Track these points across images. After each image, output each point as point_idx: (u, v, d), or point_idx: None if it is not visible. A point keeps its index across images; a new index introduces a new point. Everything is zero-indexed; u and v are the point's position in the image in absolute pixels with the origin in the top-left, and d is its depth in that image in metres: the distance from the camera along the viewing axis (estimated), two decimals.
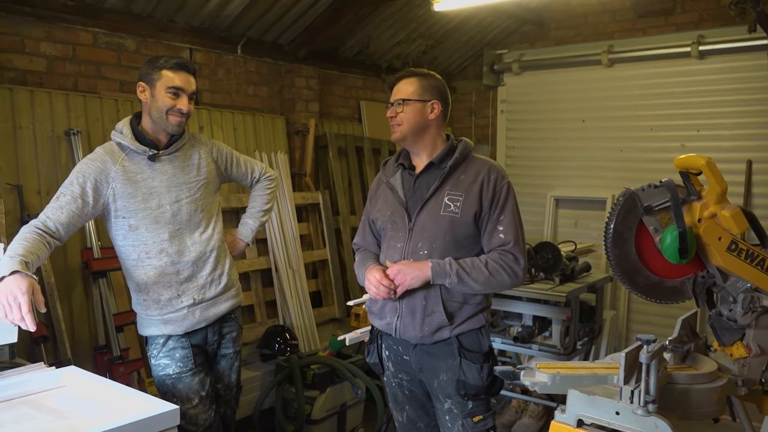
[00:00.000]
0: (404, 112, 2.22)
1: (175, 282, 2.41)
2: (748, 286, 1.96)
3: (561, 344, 3.29)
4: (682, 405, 1.79)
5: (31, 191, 3.28)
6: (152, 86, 2.33)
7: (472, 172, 2.21)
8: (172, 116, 2.33)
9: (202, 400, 2.45)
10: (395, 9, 4.88)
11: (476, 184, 2.18)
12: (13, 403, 1.82)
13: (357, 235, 2.50)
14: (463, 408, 2.19)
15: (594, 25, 5.58)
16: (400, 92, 2.24)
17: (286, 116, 4.81)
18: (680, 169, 2.03)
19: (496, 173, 2.21)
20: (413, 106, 2.22)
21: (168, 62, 2.34)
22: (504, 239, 2.16)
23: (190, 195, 2.44)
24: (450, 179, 2.21)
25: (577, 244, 3.96)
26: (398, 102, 2.23)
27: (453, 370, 2.18)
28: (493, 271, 2.13)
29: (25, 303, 1.79)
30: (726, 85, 4.84)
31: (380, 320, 2.31)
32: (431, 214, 2.19)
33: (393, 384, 2.38)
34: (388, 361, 2.36)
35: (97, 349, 3.42)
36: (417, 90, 2.24)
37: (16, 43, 3.30)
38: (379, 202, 2.36)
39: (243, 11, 4.12)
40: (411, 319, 2.20)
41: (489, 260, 2.14)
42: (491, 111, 6.16)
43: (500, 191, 2.19)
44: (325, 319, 4.78)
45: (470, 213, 2.16)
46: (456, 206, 2.16)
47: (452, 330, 2.18)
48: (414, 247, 2.19)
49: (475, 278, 2.11)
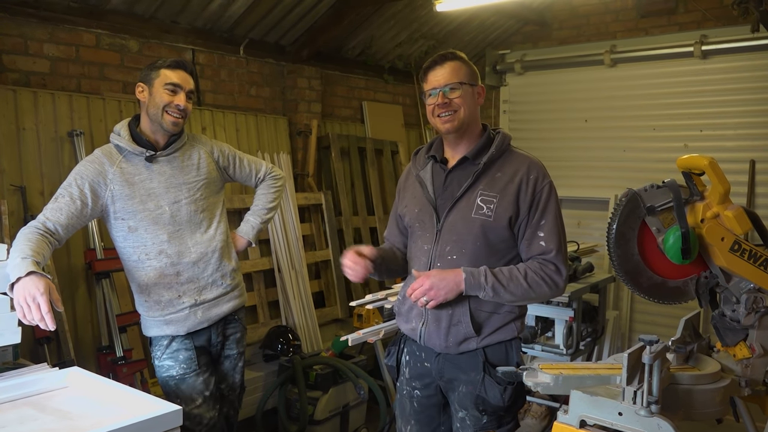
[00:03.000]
0: (461, 96, 1.99)
1: (175, 283, 2.41)
2: (751, 287, 1.96)
3: (564, 344, 3.29)
4: (685, 406, 1.78)
5: (35, 192, 3.29)
6: (150, 85, 2.34)
7: (510, 170, 2.01)
8: (168, 115, 2.34)
9: (206, 400, 2.45)
10: (397, 9, 4.88)
11: (513, 184, 1.98)
12: (16, 403, 1.82)
13: (387, 227, 2.34)
14: (477, 422, 2.05)
15: (596, 25, 5.57)
16: (453, 75, 2.00)
17: (288, 117, 4.81)
18: (683, 169, 2.03)
19: (537, 172, 2.00)
20: (467, 90, 2.01)
21: (166, 62, 2.37)
22: (545, 247, 1.97)
23: (190, 195, 2.44)
24: (484, 177, 2.01)
25: (580, 244, 3.96)
26: (452, 86, 1.99)
27: (474, 384, 2.02)
28: (533, 283, 1.95)
29: (45, 303, 1.81)
30: (729, 85, 4.83)
31: (406, 324, 2.16)
32: (461, 216, 2.00)
33: (404, 392, 2.23)
34: (406, 367, 2.21)
35: (100, 349, 3.43)
36: (467, 73, 2.03)
37: (19, 45, 3.30)
38: (408, 196, 2.18)
39: (245, 12, 4.12)
40: (436, 327, 2.04)
41: (528, 271, 1.96)
42: (494, 111, 6.16)
43: (540, 193, 1.99)
44: (327, 319, 4.78)
45: (505, 217, 1.97)
46: (489, 209, 1.97)
47: (479, 342, 2.01)
48: (442, 250, 2.03)
49: (513, 291, 1.94)
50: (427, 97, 2.05)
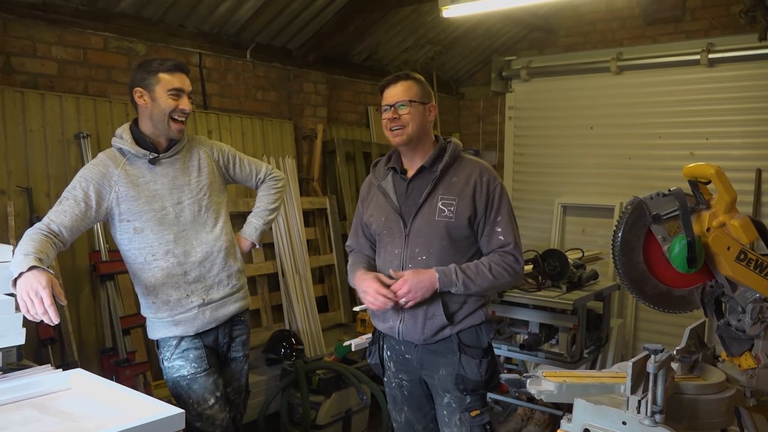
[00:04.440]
0: (409, 113, 2.20)
1: (183, 282, 2.41)
2: (757, 297, 1.95)
3: (567, 352, 3.28)
4: (690, 416, 1.77)
5: (41, 194, 3.30)
6: (151, 90, 2.33)
7: (464, 174, 2.23)
8: (174, 123, 2.35)
9: (218, 401, 2.45)
10: (404, 15, 4.89)
11: (469, 186, 2.20)
12: (20, 404, 1.83)
13: (350, 237, 2.53)
14: (461, 402, 2.23)
15: (603, 32, 5.58)
16: (404, 93, 2.21)
17: (294, 121, 4.83)
18: (689, 177, 2.02)
19: (488, 175, 2.23)
20: (417, 107, 2.22)
21: (163, 65, 2.34)
22: (504, 241, 2.20)
23: (192, 196, 2.44)
24: (442, 183, 2.23)
25: (585, 251, 3.95)
26: (402, 103, 2.20)
27: (453, 365, 2.22)
28: (497, 274, 2.17)
29: (47, 296, 1.83)
30: (736, 93, 4.82)
31: (383, 323, 2.34)
32: (426, 220, 2.21)
33: (393, 384, 2.41)
34: (390, 362, 2.40)
35: (103, 351, 3.43)
36: (418, 92, 2.23)
37: (27, 47, 3.33)
38: (371, 206, 2.37)
39: (252, 16, 4.14)
40: (413, 322, 2.23)
41: (492, 264, 2.18)
42: (499, 117, 6.16)
43: (493, 193, 2.21)
44: (331, 324, 4.78)
45: (465, 216, 2.18)
46: (450, 210, 2.18)
47: (453, 329, 2.22)
48: (411, 252, 2.23)
49: (480, 284, 2.16)
50: (382, 112, 2.26)
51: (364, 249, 2.46)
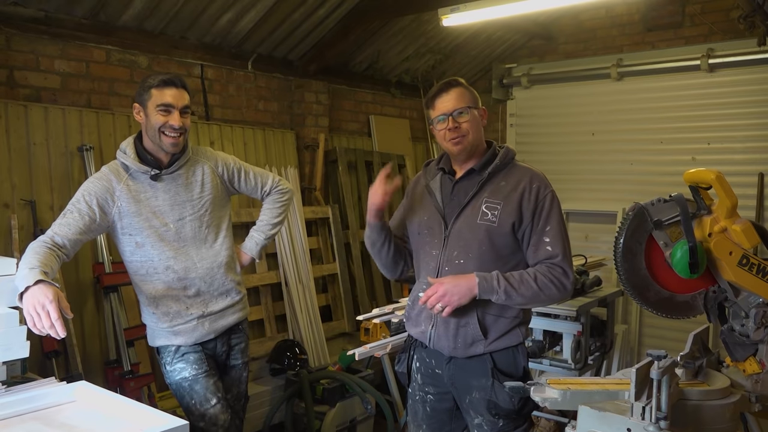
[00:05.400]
0: (469, 121, 2.12)
1: (183, 296, 2.43)
2: (760, 301, 1.94)
3: (572, 359, 3.27)
4: (695, 422, 1.77)
5: (45, 206, 3.32)
6: (145, 107, 2.35)
7: (513, 179, 2.13)
8: (165, 137, 2.34)
9: (220, 401, 2.46)
10: (404, 24, 4.92)
11: (516, 192, 2.09)
12: (24, 418, 1.83)
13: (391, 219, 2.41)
14: (493, 426, 2.13)
15: (603, 39, 5.59)
16: (459, 100, 2.11)
17: (296, 131, 4.84)
18: (690, 183, 2.02)
19: (539, 182, 2.12)
20: (473, 113, 2.13)
21: (155, 80, 2.35)
22: (552, 252, 2.06)
23: (194, 212, 2.45)
24: (489, 186, 2.13)
25: (588, 257, 3.94)
26: (460, 111, 2.10)
27: (485, 390, 2.10)
28: (543, 285, 2.03)
29: (54, 310, 1.83)
30: (736, 98, 4.83)
31: (415, 328, 2.25)
32: (467, 222, 2.11)
33: (416, 398, 2.31)
34: (417, 373, 2.29)
35: (108, 363, 3.44)
36: (471, 98, 2.15)
37: (31, 61, 3.35)
38: (416, 202, 2.29)
39: (254, 28, 4.16)
40: (445, 329, 2.13)
41: (538, 274, 2.04)
42: (500, 125, 6.17)
43: (543, 201, 2.09)
44: (334, 333, 4.77)
45: (508, 222, 2.07)
46: (494, 215, 2.08)
47: (486, 346, 2.10)
48: (449, 255, 2.13)
49: (523, 293, 2.02)
50: (436, 123, 2.15)
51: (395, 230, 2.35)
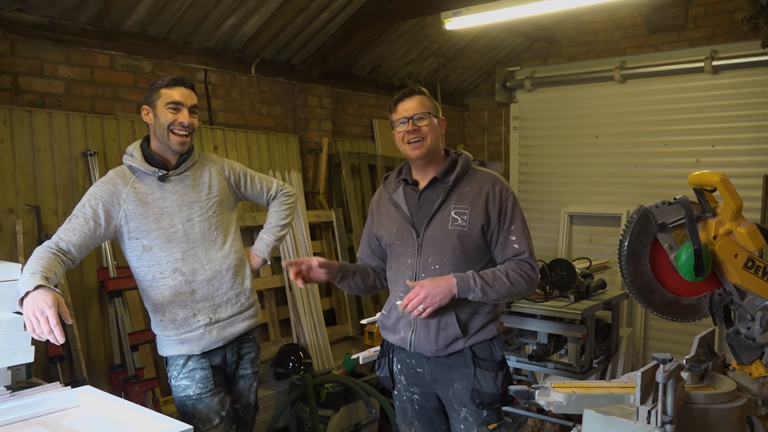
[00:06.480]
0: (428, 125, 2.23)
1: (190, 301, 2.41)
2: (766, 304, 1.93)
3: (577, 363, 3.26)
4: (701, 425, 1.76)
5: (49, 212, 3.33)
6: (154, 107, 2.38)
7: (476, 184, 2.25)
8: (173, 136, 2.36)
9: (223, 420, 2.45)
10: (407, 28, 4.92)
11: (481, 196, 2.22)
12: (28, 423, 1.83)
13: (359, 250, 2.55)
14: (478, 416, 2.21)
15: (606, 41, 5.59)
16: (421, 106, 2.24)
17: (299, 135, 4.85)
18: (694, 185, 2.01)
19: (501, 185, 2.25)
20: (432, 120, 2.25)
21: (164, 81, 2.40)
22: (519, 249, 2.21)
23: (202, 213, 2.45)
24: (454, 193, 2.24)
25: (592, 260, 3.93)
26: (420, 115, 2.22)
27: (468, 378, 2.21)
28: (514, 281, 2.17)
29: (53, 316, 1.83)
30: (740, 100, 4.82)
31: (394, 335, 2.32)
32: (439, 229, 2.21)
33: (404, 398, 2.39)
34: (400, 375, 2.37)
35: (112, 368, 3.44)
36: (431, 106, 2.27)
37: (35, 67, 3.36)
38: (383, 218, 2.38)
39: (257, 32, 4.18)
40: (425, 333, 2.21)
41: (509, 271, 2.18)
42: (504, 128, 6.18)
43: (506, 202, 2.23)
44: (338, 337, 4.77)
45: (478, 225, 2.19)
46: (463, 219, 2.20)
47: (466, 341, 2.21)
48: (425, 262, 2.22)
49: (498, 290, 2.15)
50: (397, 125, 2.26)
51: (369, 261, 2.49)
